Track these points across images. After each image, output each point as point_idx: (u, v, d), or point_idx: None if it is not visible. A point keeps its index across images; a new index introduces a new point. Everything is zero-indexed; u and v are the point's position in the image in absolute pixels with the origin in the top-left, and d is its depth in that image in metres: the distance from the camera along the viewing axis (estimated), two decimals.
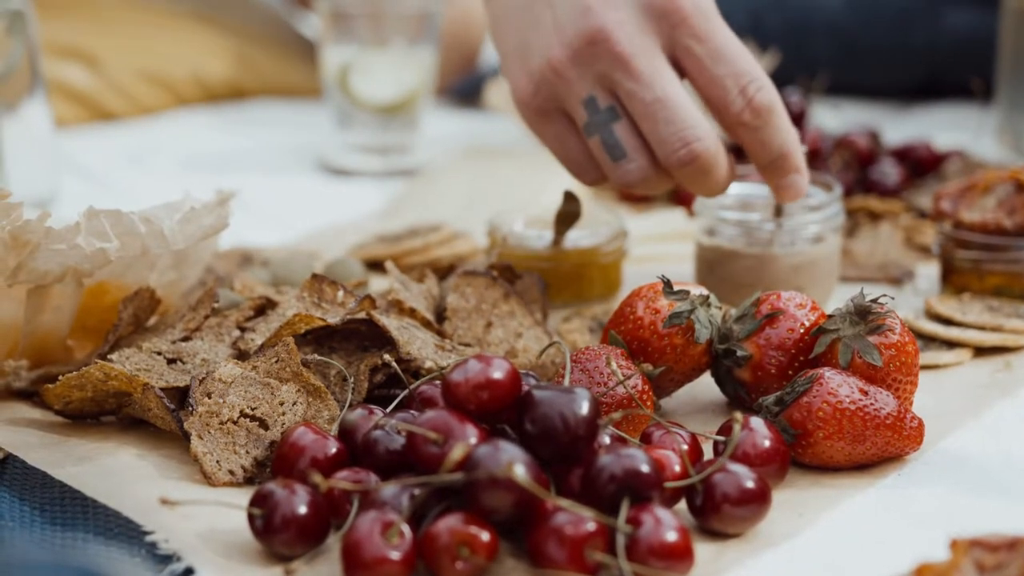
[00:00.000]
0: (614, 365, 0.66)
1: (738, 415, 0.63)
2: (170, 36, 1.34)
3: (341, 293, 0.73)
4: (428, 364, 0.69)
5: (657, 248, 0.95)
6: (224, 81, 1.36)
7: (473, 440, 0.59)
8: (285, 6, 1.56)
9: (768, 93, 0.76)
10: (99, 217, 0.70)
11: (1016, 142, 1.15)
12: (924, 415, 0.69)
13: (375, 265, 0.92)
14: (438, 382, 0.66)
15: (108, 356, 0.70)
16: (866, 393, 0.66)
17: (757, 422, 0.64)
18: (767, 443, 0.64)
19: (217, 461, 0.65)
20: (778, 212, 0.83)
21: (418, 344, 0.71)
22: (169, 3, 1.40)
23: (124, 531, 0.61)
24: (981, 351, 0.80)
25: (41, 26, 1.23)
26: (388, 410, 0.65)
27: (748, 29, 1.33)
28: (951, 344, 0.80)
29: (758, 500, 0.60)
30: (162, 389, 0.67)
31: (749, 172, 0.86)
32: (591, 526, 0.56)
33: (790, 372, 0.69)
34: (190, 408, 0.66)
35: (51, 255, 0.70)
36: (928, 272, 0.92)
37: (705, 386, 0.74)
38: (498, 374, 0.60)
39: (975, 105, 1.26)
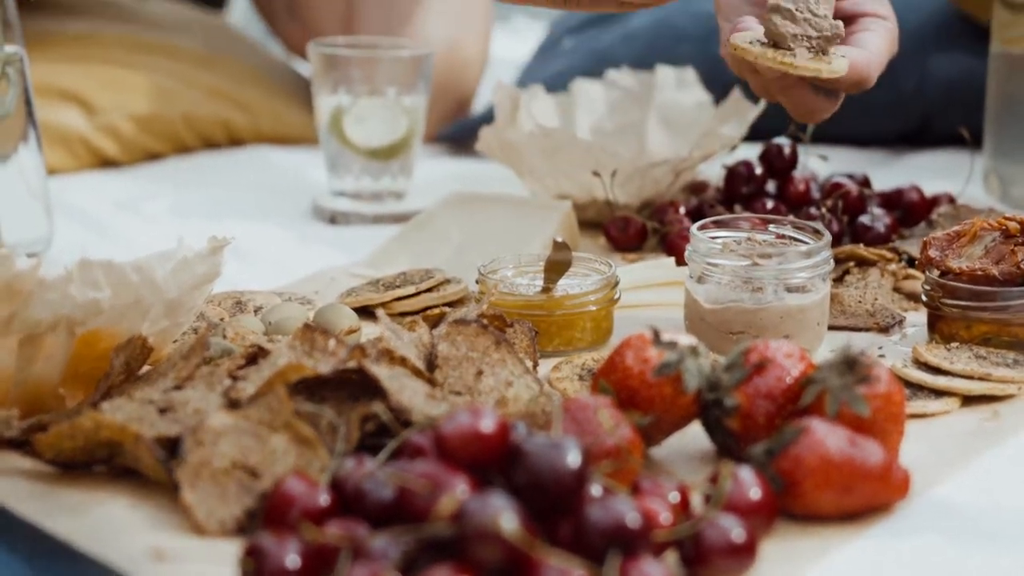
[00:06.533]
0: (603, 415, 0.67)
1: (727, 465, 0.64)
2: (166, 80, 1.34)
3: (332, 342, 0.73)
4: (418, 415, 0.69)
5: (648, 295, 0.95)
6: (219, 126, 1.36)
7: (463, 491, 0.59)
8: (284, 52, 1.57)
9: None
10: (92, 267, 0.71)
11: (1003, 189, 1.16)
12: (912, 464, 0.70)
13: (367, 311, 0.92)
14: (429, 431, 0.66)
15: (100, 405, 0.70)
16: (854, 444, 0.66)
17: (746, 472, 0.65)
18: (755, 493, 0.64)
19: (208, 511, 0.65)
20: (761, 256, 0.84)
21: (409, 393, 0.71)
22: (169, 42, 1.41)
23: None
24: (969, 400, 0.80)
25: (35, 68, 1.23)
26: (378, 460, 0.66)
27: (738, 77, 1.34)
28: (939, 393, 0.80)
29: (746, 551, 0.61)
30: (154, 439, 0.68)
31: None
32: None
33: (778, 421, 0.70)
34: (181, 458, 0.66)
35: (44, 304, 0.70)
36: (918, 319, 0.92)
37: (694, 434, 0.74)
38: (487, 426, 0.61)
39: (964, 152, 1.27)
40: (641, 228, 1.06)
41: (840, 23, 0.88)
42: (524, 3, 0.88)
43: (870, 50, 0.90)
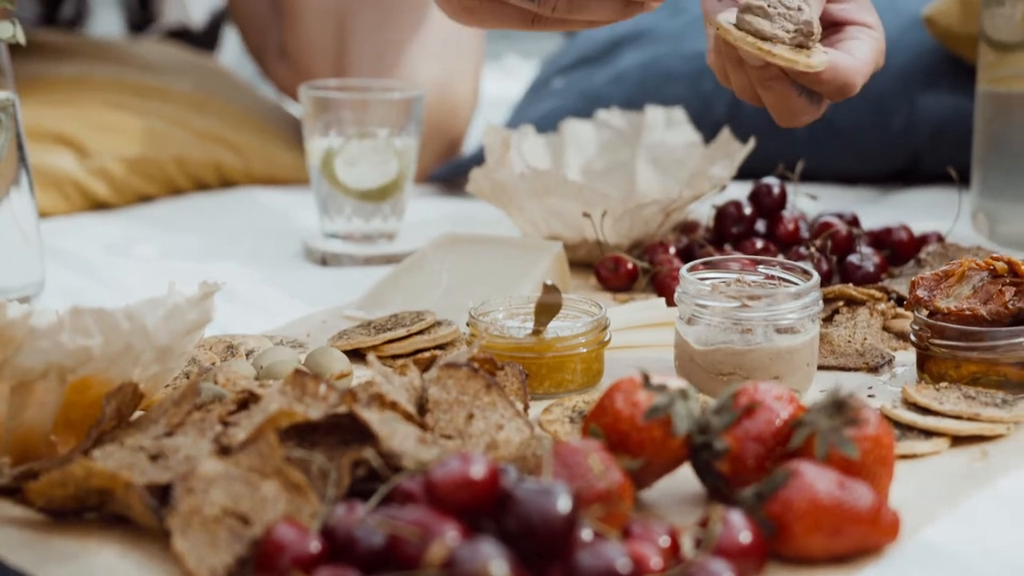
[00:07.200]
0: (593, 459, 0.67)
1: (716, 509, 0.64)
2: (157, 123, 1.35)
3: (323, 387, 0.73)
4: (408, 460, 0.69)
5: (638, 336, 0.96)
6: (211, 168, 1.36)
7: (453, 538, 0.59)
8: (275, 94, 1.58)
9: None
10: (83, 315, 0.71)
11: (990, 227, 1.16)
12: (901, 506, 0.70)
13: (359, 354, 0.92)
14: (419, 476, 0.66)
15: (91, 452, 0.71)
16: (843, 486, 0.66)
17: (736, 516, 0.65)
18: (745, 537, 0.64)
19: (199, 558, 0.65)
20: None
21: (399, 438, 0.71)
22: (161, 84, 1.41)
23: None
24: (958, 440, 0.80)
25: (27, 111, 1.24)
26: (368, 506, 0.66)
27: (727, 117, 1.35)
28: (928, 433, 0.80)
29: None
30: (145, 486, 0.68)
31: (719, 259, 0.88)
32: None
33: (768, 464, 0.70)
34: (172, 505, 0.66)
35: (35, 352, 0.71)
36: (907, 358, 0.92)
37: (684, 477, 0.74)
38: (478, 472, 0.61)
39: (952, 190, 1.27)
40: (631, 269, 1.07)
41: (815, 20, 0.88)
42: (493, 27, 0.89)
43: (856, 57, 0.90)
